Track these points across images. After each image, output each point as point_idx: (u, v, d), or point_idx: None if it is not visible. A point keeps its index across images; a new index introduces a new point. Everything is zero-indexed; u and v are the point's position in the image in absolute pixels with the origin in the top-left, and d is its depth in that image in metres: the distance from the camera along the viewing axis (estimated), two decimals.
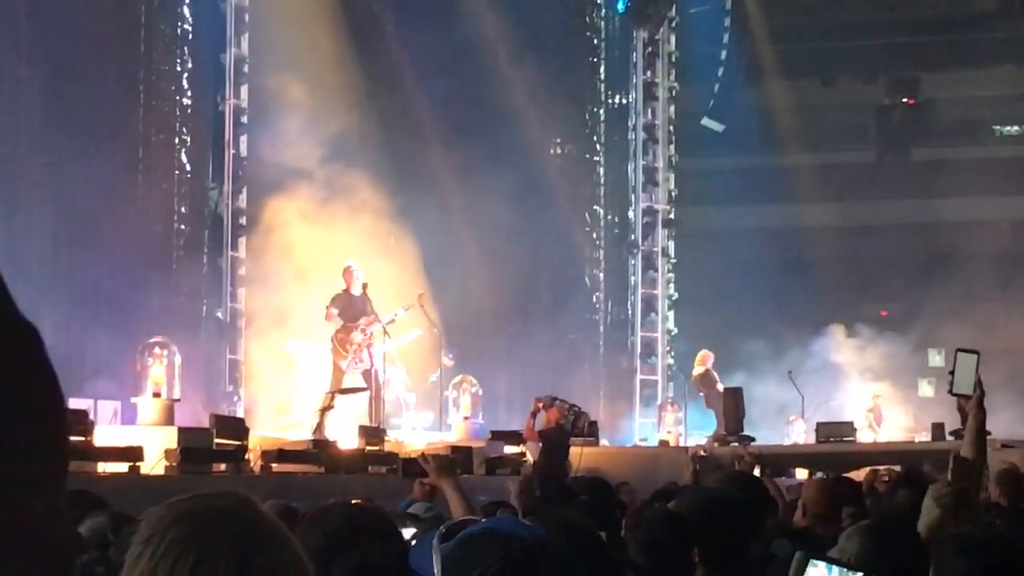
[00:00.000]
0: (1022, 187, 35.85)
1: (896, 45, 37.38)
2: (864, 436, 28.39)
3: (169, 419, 16.88)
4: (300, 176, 23.75)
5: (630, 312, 34.08)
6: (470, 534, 2.73)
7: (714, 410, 27.73)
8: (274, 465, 16.21)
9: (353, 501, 7.43)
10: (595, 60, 33.18)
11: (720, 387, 27.32)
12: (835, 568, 3.43)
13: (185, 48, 22.85)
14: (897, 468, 14.95)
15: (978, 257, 34.21)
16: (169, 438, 15.33)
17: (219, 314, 23.52)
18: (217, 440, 15.63)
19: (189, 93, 22.93)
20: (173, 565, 2.35)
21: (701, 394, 28.71)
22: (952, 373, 6.82)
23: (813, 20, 37.42)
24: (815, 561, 3.42)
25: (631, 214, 34.24)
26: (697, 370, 28.81)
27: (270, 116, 23.78)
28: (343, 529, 4.93)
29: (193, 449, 15.03)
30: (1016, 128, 39.23)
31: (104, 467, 14.24)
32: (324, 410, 19.51)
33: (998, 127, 39.25)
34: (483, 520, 2.98)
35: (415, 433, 22.52)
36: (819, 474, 17.42)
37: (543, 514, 4.98)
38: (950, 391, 6.80)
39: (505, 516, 3.38)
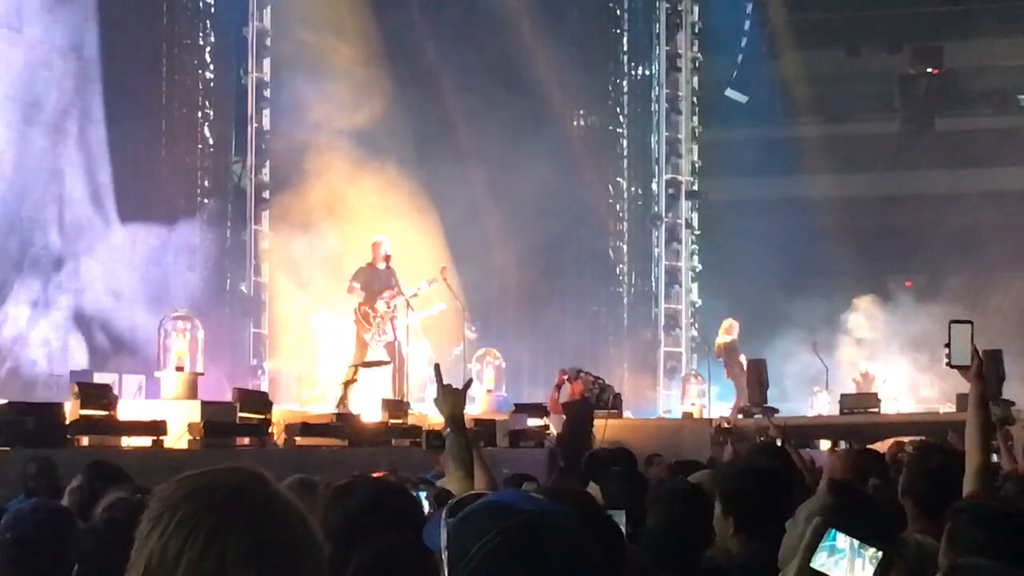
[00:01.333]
0: None
1: (919, 14, 37.20)
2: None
3: (192, 393, 16.88)
4: (322, 150, 23.73)
5: (654, 284, 34.04)
6: (473, 508, 2.72)
7: (734, 381, 27.70)
8: (298, 439, 16.21)
9: (376, 474, 7.38)
10: (618, 31, 33.10)
11: (742, 358, 27.28)
12: (852, 540, 3.42)
13: (207, 22, 22.86)
14: (922, 439, 14.92)
15: (1003, 227, 34.08)
16: (193, 412, 15.32)
17: (243, 288, 23.56)
18: (241, 414, 15.60)
19: (212, 67, 22.95)
20: (184, 543, 2.34)
21: (720, 359, 28.65)
22: (948, 346, 6.76)
23: None
24: (834, 531, 3.42)
25: (654, 186, 34.18)
26: (722, 339, 28.73)
27: (292, 90, 23.78)
28: (366, 507, 4.91)
29: (217, 423, 15.02)
30: None
31: (128, 441, 14.26)
32: (348, 383, 19.50)
33: (1023, 96, 39.04)
34: (490, 494, 2.98)
35: (464, 412, 22.41)
36: (842, 444, 17.41)
37: (550, 490, 4.97)
38: (947, 364, 6.74)
39: (511, 490, 3.34)
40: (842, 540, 3.40)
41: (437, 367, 6.27)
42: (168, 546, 2.34)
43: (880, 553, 3.40)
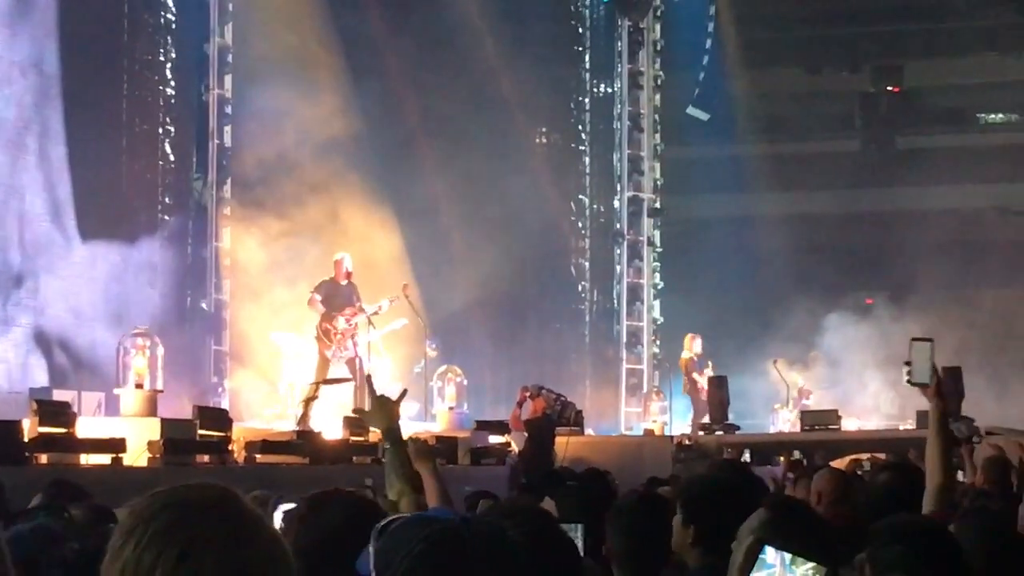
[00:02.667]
0: (1006, 174, 35.88)
1: (880, 33, 37.40)
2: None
3: (152, 410, 16.82)
4: (285, 166, 23.71)
5: (616, 301, 34.08)
6: (397, 524, 2.74)
7: (691, 397, 27.83)
8: (258, 456, 16.18)
9: (348, 489, 7.28)
10: (580, 49, 33.17)
11: (696, 375, 27.47)
12: (783, 555, 3.42)
13: (168, 38, 22.80)
14: (881, 456, 15.00)
15: (963, 244, 34.25)
16: (152, 429, 15.29)
17: (204, 305, 23.48)
18: (200, 431, 15.59)
19: (173, 83, 22.88)
20: (158, 556, 2.36)
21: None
22: (908, 363, 6.75)
23: (798, 8, 37.43)
24: (769, 547, 3.42)
25: (616, 203, 34.24)
26: (684, 354, 28.88)
27: (254, 106, 23.73)
28: (341, 527, 4.85)
29: (176, 440, 14.99)
30: (1000, 116, 39.28)
31: (87, 459, 14.21)
32: (308, 400, 19.48)
33: (982, 115, 39.29)
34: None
35: (400, 423, 22.39)
36: (796, 454, 17.47)
37: (505, 505, 4.95)
38: (908, 381, 6.73)
39: (439, 508, 3.30)
40: (772, 555, 3.40)
41: (369, 378, 6.07)
42: (143, 558, 2.36)
43: (815, 568, 3.39)
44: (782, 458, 21.56)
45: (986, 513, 6.44)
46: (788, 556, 3.39)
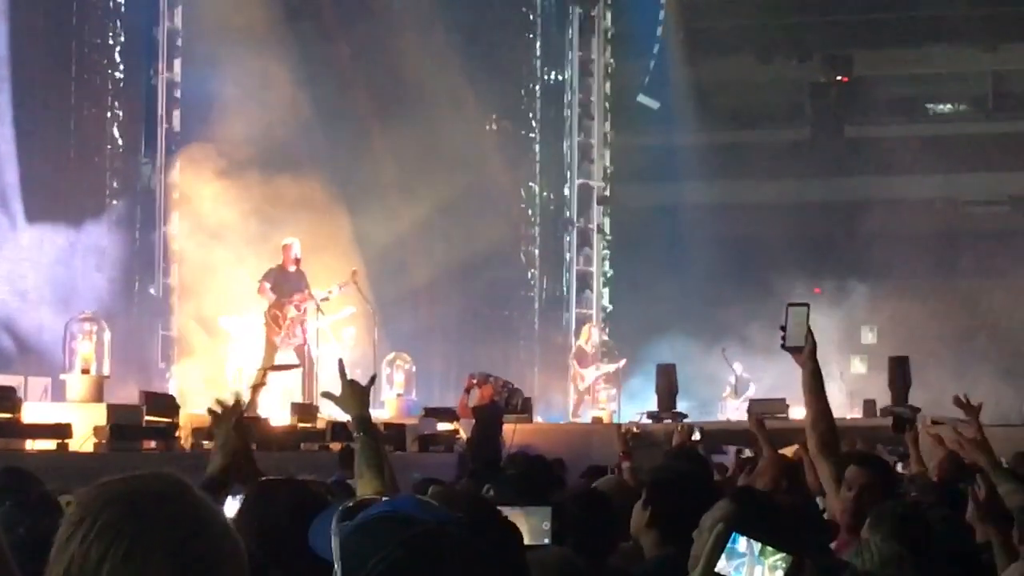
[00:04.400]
0: (955, 165, 36.04)
1: (831, 23, 37.48)
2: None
3: (98, 396, 16.73)
4: (233, 152, 23.58)
5: (565, 289, 34.12)
6: (367, 519, 2.67)
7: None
8: (205, 442, 16.09)
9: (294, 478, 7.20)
10: (531, 36, 33.14)
11: (577, 364, 28.13)
12: (752, 544, 3.41)
13: (118, 21, 22.64)
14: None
15: (910, 235, 34.40)
16: (98, 415, 15.20)
17: (151, 290, 23.37)
18: (147, 417, 15.51)
19: (121, 67, 22.73)
20: (106, 550, 2.30)
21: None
22: (784, 328, 6.68)
23: None
24: (739, 535, 3.41)
25: (566, 191, 34.25)
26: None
27: (204, 90, 23.61)
28: (287, 513, 4.78)
29: (123, 426, 14.90)
30: (949, 107, 39.46)
31: (32, 444, 14.11)
32: (256, 387, 19.40)
33: (931, 105, 39.45)
34: (383, 500, 2.92)
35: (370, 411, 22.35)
36: (747, 452, 17.52)
37: (444, 493, 4.92)
38: (782, 346, 6.66)
39: (408, 496, 3.25)
40: (743, 544, 3.39)
41: (341, 362, 5.90)
42: (90, 552, 2.31)
43: (783, 559, 3.38)
44: (733, 448, 21.63)
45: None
46: (758, 546, 3.38)
